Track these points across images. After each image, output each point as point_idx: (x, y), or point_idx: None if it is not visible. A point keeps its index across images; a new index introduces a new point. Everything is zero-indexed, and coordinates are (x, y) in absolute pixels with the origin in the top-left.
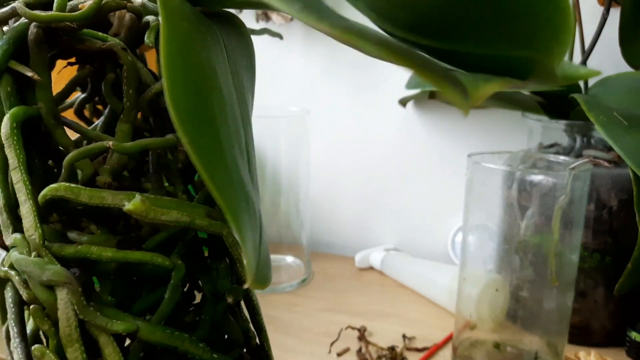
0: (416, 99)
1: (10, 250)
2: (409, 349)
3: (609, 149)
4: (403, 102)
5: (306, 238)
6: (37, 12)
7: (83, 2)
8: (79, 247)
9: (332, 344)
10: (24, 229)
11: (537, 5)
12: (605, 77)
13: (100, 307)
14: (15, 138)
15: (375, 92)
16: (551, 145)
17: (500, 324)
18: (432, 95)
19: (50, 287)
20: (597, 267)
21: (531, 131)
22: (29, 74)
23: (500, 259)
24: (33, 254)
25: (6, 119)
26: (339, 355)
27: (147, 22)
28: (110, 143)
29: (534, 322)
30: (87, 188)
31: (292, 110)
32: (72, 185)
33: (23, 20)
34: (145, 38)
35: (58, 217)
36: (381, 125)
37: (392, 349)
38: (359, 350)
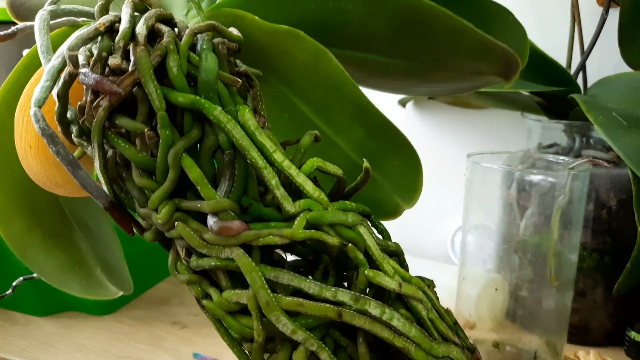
0: (416, 99)
1: (302, 214)
2: None
3: (608, 149)
4: (403, 102)
5: None
6: (235, 32)
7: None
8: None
9: None
10: (308, 194)
11: None
12: (604, 77)
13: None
14: (260, 130)
15: (375, 92)
16: (550, 146)
17: (500, 324)
18: (431, 96)
19: (351, 228)
20: (596, 266)
21: (530, 131)
22: (237, 80)
23: (500, 259)
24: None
25: (249, 115)
26: None
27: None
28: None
29: (533, 322)
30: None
31: None
32: (320, 160)
33: (206, 36)
34: None
35: None
36: None
37: None
38: None
